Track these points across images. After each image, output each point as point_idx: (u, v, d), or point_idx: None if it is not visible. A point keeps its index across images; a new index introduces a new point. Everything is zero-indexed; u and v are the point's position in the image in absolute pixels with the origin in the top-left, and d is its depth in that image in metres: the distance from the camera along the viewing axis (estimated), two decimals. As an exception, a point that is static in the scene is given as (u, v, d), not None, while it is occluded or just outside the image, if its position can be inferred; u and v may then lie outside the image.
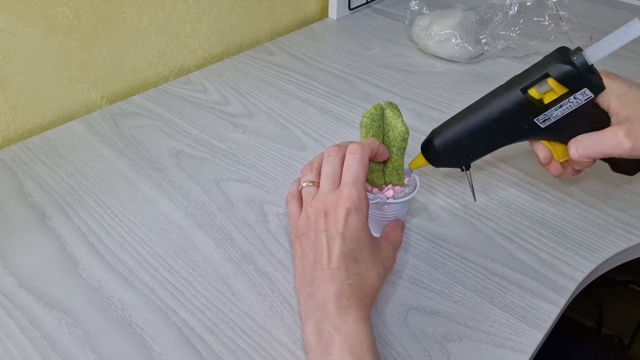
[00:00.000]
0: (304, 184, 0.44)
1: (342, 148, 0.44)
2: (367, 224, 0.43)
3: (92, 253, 0.51)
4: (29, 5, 0.63)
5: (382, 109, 0.47)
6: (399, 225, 0.49)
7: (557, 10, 0.87)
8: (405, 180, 0.51)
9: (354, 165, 0.42)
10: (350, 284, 0.40)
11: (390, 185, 0.50)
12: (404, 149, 0.47)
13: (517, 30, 0.86)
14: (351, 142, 0.45)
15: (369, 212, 0.49)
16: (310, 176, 0.45)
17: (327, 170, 0.43)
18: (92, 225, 0.55)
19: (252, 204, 0.57)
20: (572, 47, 0.47)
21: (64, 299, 0.47)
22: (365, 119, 0.46)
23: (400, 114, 0.47)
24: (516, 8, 0.86)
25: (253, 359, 0.43)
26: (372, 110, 0.46)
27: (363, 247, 0.42)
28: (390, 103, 0.47)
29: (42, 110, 0.71)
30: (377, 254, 0.43)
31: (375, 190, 0.50)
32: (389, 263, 0.45)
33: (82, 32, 0.70)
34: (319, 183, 0.44)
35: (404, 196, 0.49)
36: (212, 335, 0.44)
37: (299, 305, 0.42)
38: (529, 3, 0.87)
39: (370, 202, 0.47)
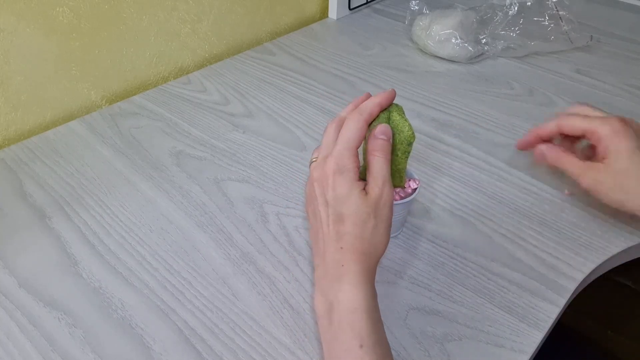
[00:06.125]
0: (312, 159, 0.45)
1: (341, 119, 0.45)
2: (355, 182, 0.42)
3: (92, 253, 0.51)
4: (29, 5, 0.63)
5: (389, 112, 0.46)
6: (372, 138, 0.44)
7: (557, 10, 0.87)
8: (408, 180, 0.51)
9: (345, 130, 0.43)
10: (341, 247, 0.40)
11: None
12: (409, 152, 0.47)
13: (517, 30, 0.86)
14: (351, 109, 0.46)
15: None
16: (316, 154, 0.45)
17: (324, 141, 0.45)
18: (92, 225, 0.55)
19: (252, 204, 0.57)
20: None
21: (64, 299, 0.47)
22: (374, 123, 0.45)
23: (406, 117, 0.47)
24: (516, 8, 0.86)
25: (253, 359, 0.43)
26: (380, 114, 0.45)
27: (348, 204, 0.41)
28: (397, 105, 0.47)
29: (42, 110, 0.71)
30: (363, 208, 0.42)
31: None
32: (380, 207, 0.42)
33: (82, 32, 0.70)
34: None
35: (405, 197, 0.49)
36: (212, 335, 0.44)
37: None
38: (529, 3, 0.87)
39: None
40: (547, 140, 0.55)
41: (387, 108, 0.46)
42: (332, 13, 1.01)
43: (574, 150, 0.55)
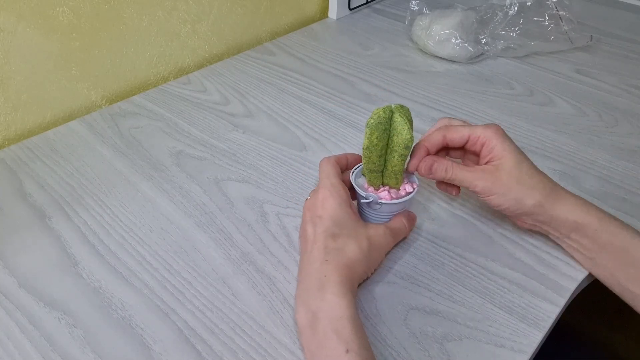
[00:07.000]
0: (306, 199, 0.50)
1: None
2: (347, 205, 0.46)
3: (92, 253, 0.51)
4: (29, 5, 0.63)
5: (392, 112, 0.46)
6: (404, 214, 0.51)
7: (557, 10, 0.87)
8: (405, 183, 0.51)
9: (321, 171, 0.49)
10: (327, 260, 0.42)
11: (387, 187, 0.50)
12: (406, 155, 0.47)
13: (517, 30, 0.86)
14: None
15: (365, 210, 0.50)
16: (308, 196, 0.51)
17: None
18: (92, 225, 0.55)
19: (252, 204, 0.57)
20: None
21: (64, 299, 0.47)
22: (372, 121, 0.45)
23: (410, 119, 0.46)
24: (516, 8, 0.86)
25: (253, 359, 0.43)
26: (380, 113, 0.45)
27: (342, 224, 0.45)
28: (402, 107, 0.46)
29: (42, 110, 0.71)
30: (360, 231, 0.46)
31: (370, 189, 0.50)
32: (377, 240, 0.47)
33: (82, 32, 0.70)
34: None
35: (397, 198, 0.49)
36: (212, 335, 0.44)
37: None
38: (529, 3, 0.87)
39: (363, 201, 0.49)
40: (434, 154, 0.52)
41: (391, 108, 0.46)
42: (332, 13, 1.01)
43: None
